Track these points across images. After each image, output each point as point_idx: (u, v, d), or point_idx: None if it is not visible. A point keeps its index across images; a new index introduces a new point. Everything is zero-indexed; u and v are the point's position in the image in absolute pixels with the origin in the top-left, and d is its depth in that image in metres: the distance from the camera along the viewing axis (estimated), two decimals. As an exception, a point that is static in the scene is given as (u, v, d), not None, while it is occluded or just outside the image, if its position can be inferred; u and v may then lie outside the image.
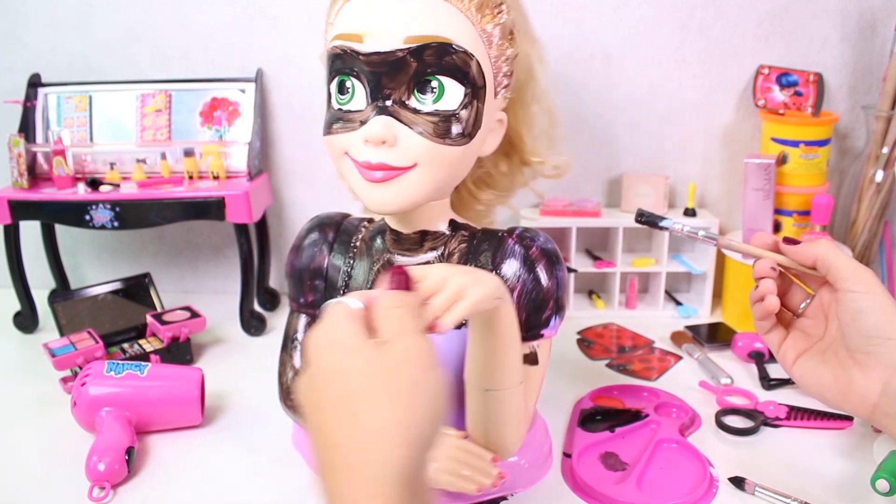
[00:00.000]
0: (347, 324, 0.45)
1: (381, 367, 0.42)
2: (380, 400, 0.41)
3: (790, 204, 1.05)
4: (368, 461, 0.40)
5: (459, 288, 0.52)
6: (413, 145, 0.58)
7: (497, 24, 0.60)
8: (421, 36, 0.57)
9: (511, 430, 0.65)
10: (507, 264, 0.65)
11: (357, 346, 0.43)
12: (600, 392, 0.90)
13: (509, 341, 0.61)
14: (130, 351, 0.97)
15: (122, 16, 1.12)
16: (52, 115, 1.11)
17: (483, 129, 0.62)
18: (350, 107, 0.61)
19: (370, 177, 0.59)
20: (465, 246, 0.66)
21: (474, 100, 0.60)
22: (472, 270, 0.57)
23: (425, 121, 0.59)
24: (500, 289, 0.58)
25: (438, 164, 0.59)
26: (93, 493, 0.71)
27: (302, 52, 1.11)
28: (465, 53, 0.58)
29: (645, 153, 1.15)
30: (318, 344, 0.44)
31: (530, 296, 0.64)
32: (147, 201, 1.02)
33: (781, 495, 0.69)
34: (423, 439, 0.42)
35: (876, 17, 1.08)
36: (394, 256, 0.68)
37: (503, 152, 0.71)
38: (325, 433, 0.42)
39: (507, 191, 0.75)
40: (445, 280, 0.52)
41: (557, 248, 0.67)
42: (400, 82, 0.58)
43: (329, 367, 0.43)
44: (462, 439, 0.66)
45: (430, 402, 0.42)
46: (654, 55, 1.11)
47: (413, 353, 0.43)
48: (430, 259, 0.67)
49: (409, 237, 0.67)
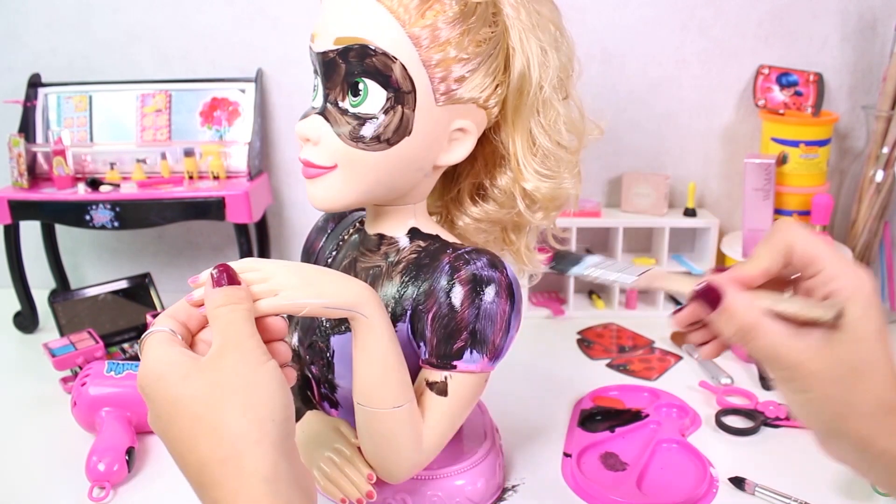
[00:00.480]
0: (167, 352, 0.46)
1: (216, 382, 0.44)
2: (227, 411, 0.43)
3: (790, 204, 1.05)
4: (237, 470, 0.42)
5: (277, 286, 0.52)
6: (332, 146, 0.58)
7: (437, 23, 0.55)
8: (345, 37, 0.57)
9: (392, 455, 0.60)
10: (427, 282, 0.60)
11: (186, 373, 0.44)
12: (600, 392, 0.90)
13: (377, 359, 0.57)
14: (130, 351, 0.97)
15: (122, 16, 1.12)
16: (52, 115, 1.11)
17: (418, 137, 0.58)
18: (314, 104, 0.61)
19: (304, 172, 0.61)
20: (414, 256, 0.63)
21: (398, 105, 0.57)
22: (314, 274, 0.55)
23: (346, 122, 0.58)
24: (349, 301, 0.55)
25: (357, 167, 0.58)
26: (93, 493, 0.71)
27: (302, 52, 1.10)
28: (385, 56, 0.56)
29: (645, 153, 1.16)
30: (149, 382, 0.45)
31: (442, 321, 0.59)
32: (147, 201, 1.02)
33: (781, 495, 0.69)
34: (280, 431, 0.44)
35: (876, 17, 1.08)
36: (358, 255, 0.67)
37: (501, 167, 0.65)
38: (189, 457, 0.43)
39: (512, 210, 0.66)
40: (272, 275, 0.52)
41: (502, 278, 0.59)
42: (335, 83, 0.58)
43: (168, 399, 0.44)
44: (354, 447, 0.65)
45: (269, 397, 0.44)
46: (654, 55, 1.11)
47: (240, 362, 0.45)
48: (381, 264, 0.65)
49: (370, 238, 0.66)
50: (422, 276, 0.61)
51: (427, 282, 0.61)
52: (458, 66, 0.57)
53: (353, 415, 0.63)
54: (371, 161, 0.58)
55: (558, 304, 1.15)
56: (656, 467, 0.75)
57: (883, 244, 1.08)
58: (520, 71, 0.59)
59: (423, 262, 0.62)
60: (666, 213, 1.12)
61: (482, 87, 0.59)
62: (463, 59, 0.57)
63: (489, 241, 0.70)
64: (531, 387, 0.92)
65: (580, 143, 0.66)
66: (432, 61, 0.56)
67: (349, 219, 0.74)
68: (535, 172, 0.63)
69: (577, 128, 0.65)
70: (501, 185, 0.65)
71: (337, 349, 0.66)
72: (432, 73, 0.57)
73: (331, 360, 0.66)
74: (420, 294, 0.61)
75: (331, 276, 0.56)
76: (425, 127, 0.58)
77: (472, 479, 0.68)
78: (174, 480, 0.74)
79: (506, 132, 0.63)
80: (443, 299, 0.59)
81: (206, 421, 0.43)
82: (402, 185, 0.61)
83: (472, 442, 0.72)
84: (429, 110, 0.58)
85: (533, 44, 0.59)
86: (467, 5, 0.56)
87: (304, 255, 0.76)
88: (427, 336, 0.60)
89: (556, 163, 0.63)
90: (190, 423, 0.43)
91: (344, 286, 0.56)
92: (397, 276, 0.63)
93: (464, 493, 0.68)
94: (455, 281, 0.59)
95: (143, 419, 0.80)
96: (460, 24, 0.56)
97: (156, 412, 0.45)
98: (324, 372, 0.68)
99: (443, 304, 0.59)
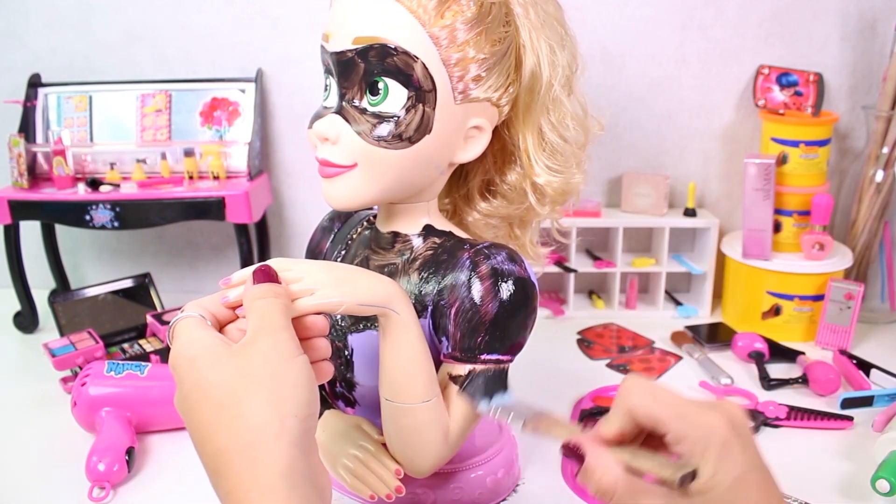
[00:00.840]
0: (201, 336, 0.46)
1: (244, 370, 0.44)
2: (251, 401, 0.43)
3: (790, 204, 1.05)
4: (255, 461, 0.42)
5: (312, 285, 0.52)
6: (353, 145, 0.58)
7: (455, 23, 0.57)
8: (365, 37, 0.57)
9: (420, 449, 0.61)
10: (449, 277, 0.61)
11: (217, 357, 0.45)
12: (600, 392, 0.90)
13: (407, 354, 0.58)
14: (130, 351, 0.97)
15: (122, 16, 1.12)
16: (52, 115, 1.11)
17: (438, 135, 0.59)
18: (327, 103, 0.62)
19: (321, 171, 0.61)
20: (430, 253, 0.64)
21: (420, 103, 0.58)
22: (347, 272, 0.55)
23: (367, 121, 0.58)
24: (381, 298, 0.56)
25: (378, 165, 0.59)
26: (93, 493, 0.71)
27: (302, 52, 1.11)
28: (407, 55, 0.56)
29: (645, 153, 1.15)
30: (180, 363, 0.45)
31: (465, 315, 0.60)
32: (147, 201, 1.02)
33: (781, 495, 0.69)
34: (301, 427, 0.44)
35: (876, 17, 1.08)
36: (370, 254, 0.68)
37: (511, 163, 0.66)
38: (209, 444, 0.43)
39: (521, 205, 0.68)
40: (306, 274, 0.53)
41: (521, 272, 0.60)
42: (353, 82, 0.59)
43: (196, 383, 0.44)
44: (378, 444, 0.65)
45: (295, 392, 0.44)
46: (654, 55, 1.11)
47: (271, 351, 0.45)
48: (396, 261, 0.65)
49: (384, 236, 0.66)
50: (441, 272, 0.62)
51: (448, 277, 0.61)
52: (475, 66, 0.58)
53: (372, 412, 0.64)
54: (392, 159, 0.59)
55: (558, 304, 1.15)
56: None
57: (883, 244, 1.08)
58: (531, 70, 0.61)
59: (441, 259, 0.63)
60: (666, 213, 1.12)
61: (497, 85, 0.60)
62: (480, 59, 0.58)
63: (498, 236, 0.71)
64: (531, 387, 0.92)
65: (586, 138, 0.67)
66: (451, 60, 0.58)
67: (356, 218, 0.74)
68: (546, 167, 0.64)
69: (583, 123, 0.66)
70: (511, 181, 0.67)
71: (356, 347, 0.66)
72: (451, 72, 0.58)
73: (349, 359, 0.66)
74: (442, 290, 0.61)
75: (362, 273, 0.57)
76: (444, 125, 0.59)
77: (492, 469, 0.70)
78: (174, 480, 0.74)
79: (516, 129, 0.64)
80: (465, 294, 0.60)
81: (228, 409, 0.43)
82: (419, 183, 0.62)
83: (487, 434, 0.73)
84: (448, 109, 0.59)
85: (542, 42, 0.61)
86: (483, 6, 0.57)
87: (308, 255, 0.76)
88: (450, 331, 0.61)
89: (564, 157, 0.65)
90: (213, 409, 0.43)
91: (376, 283, 0.56)
92: (414, 273, 0.64)
93: (485, 484, 0.69)
94: (476, 276, 0.60)
95: (143, 419, 0.80)
96: (478, 25, 0.57)
97: (183, 393, 0.45)
98: (341, 371, 0.68)
99: (465, 298, 0.60)
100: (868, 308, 1.09)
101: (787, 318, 1.04)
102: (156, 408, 0.81)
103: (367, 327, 0.65)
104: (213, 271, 1.24)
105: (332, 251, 0.73)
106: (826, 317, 1.02)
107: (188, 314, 0.48)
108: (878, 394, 0.86)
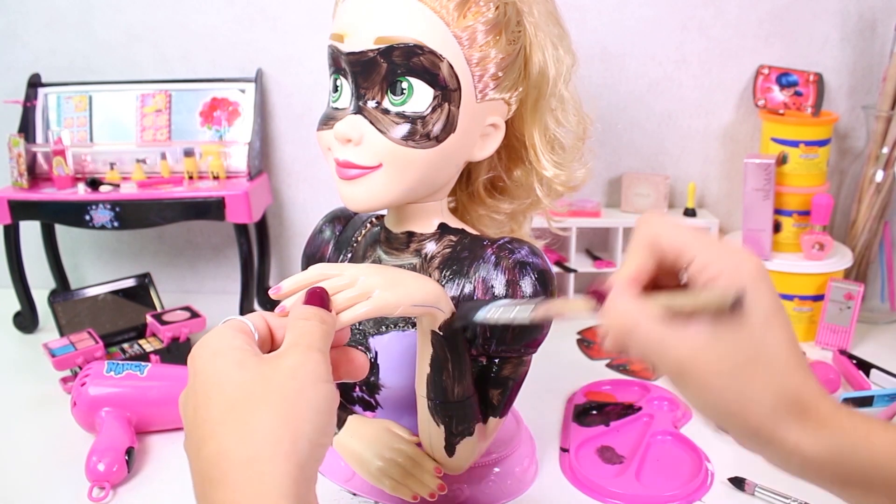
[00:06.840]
0: (234, 336, 0.44)
1: (268, 377, 0.41)
2: (266, 411, 0.40)
3: (790, 204, 1.05)
4: (259, 475, 0.38)
5: (367, 288, 0.52)
6: (378, 145, 0.58)
7: (477, 24, 0.57)
8: (389, 37, 0.57)
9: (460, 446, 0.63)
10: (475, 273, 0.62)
11: (243, 359, 0.42)
12: (592, 387, 0.91)
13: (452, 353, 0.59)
14: (130, 351, 0.96)
15: (122, 16, 1.12)
16: (52, 115, 1.11)
17: (461, 133, 0.60)
18: (338, 105, 0.61)
19: (342, 174, 0.60)
20: (448, 251, 0.64)
21: (445, 102, 0.58)
22: (396, 273, 0.56)
23: (392, 122, 0.58)
24: (432, 297, 0.56)
25: (404, 165, 0.59)
26: (93, 493, 0.71)
27: (302, 52, 1.11)
28: (434, 55, 0.57)
29: (645, 153, 1.15)
30: (202, 354, 0.43)
31: None
32: (147, 201, 1.02)
33: (781, 495, 0.69)
34: (311, 454, 0.40)
35: (876, 17, 1.08)
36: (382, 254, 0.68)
37: (517, 159, 0.68)
38: (208, 446, 0.40)
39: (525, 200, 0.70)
40: (356, 278, 0.52)
41: (544, 264, 0.62)
42: (374, 82, 0.58)
43: (212, 377, 0.42)
44: (413, 445, 0.66)
45: (315, 416, 0.41)
46: (654, 55, 1.11)
47: (300, 367, 0.42)
48: (413, 261, 0.65)
49: (397, 237, 0.66)
50: (465, 269, 0.63)
51: (475, 273, 0.62)
52: (493, 65, 0.59)
53: (397, 414, 0.65)
54: (419, 159, 0.59)
55: (558, 304, 1.15)
56: (653, 459, 0.76)
57: (883, 244, 1.08)
58: (539, 67, 0.62)
59: (462, 256, 0.64)
60: (666, 214, 1.12)
61: (510, 84, 0.61)
62: (499, 59, 0.59)
63: (503, 231, 0.73)
64: (531, 387, 0.92)
65: (585, 132, 0.68)
66: (474, 60, 0.58)
67: (358, 220, 0.74)
68: (553, 162, 0.66)
69: (582, 116, 0.68)
70: (517, 176, 0.68)
71: (380, 350, 0.66)
72: (473, 71, 0.59)
73: (374, 362, 0.66)
74: (470, 286, 0.62)
75: (408, 274, 0.57)
76: (467, 124, 0.60)
77: (518, 459, 0.72)
78: (174, 480, 0.74)
79: (523, 125, 0.65)
80: (494, 289, 0.61)
81: (240, 412, 0.40)
82: (439, 182, 0.63)
83: (506, 427, 0.74)
84: (470, 107, 0.60)
85: (546, 40, 0.62)
86: (500, 7, 0.58)
87: (307, 261, 0.75)
88: None
89: (569, 151, 0.67)
90: (223, 409, 0.40)
91: (423, 283, 0.57)
92: (435, 272, 0.64)
93: (514, 474, 0.71)
94: (503, 270, 0.61)
95: (143, 419, 0.80)
96: (497, 26, 0.58)
97: (193, 387, 0.42)
98: None
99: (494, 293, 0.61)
100: (868, 308, 1.09)
101: (786, 318, 1.04)
102: (156, 408, 0.81)
103: (391, 329, 0.65)
104: (213, 271, 1.24)
105: (337, 255, 0.72)
106: (826, 317, 1.02)
107: (240, 318, 0.46)
108: (878, 394, 0.86)
